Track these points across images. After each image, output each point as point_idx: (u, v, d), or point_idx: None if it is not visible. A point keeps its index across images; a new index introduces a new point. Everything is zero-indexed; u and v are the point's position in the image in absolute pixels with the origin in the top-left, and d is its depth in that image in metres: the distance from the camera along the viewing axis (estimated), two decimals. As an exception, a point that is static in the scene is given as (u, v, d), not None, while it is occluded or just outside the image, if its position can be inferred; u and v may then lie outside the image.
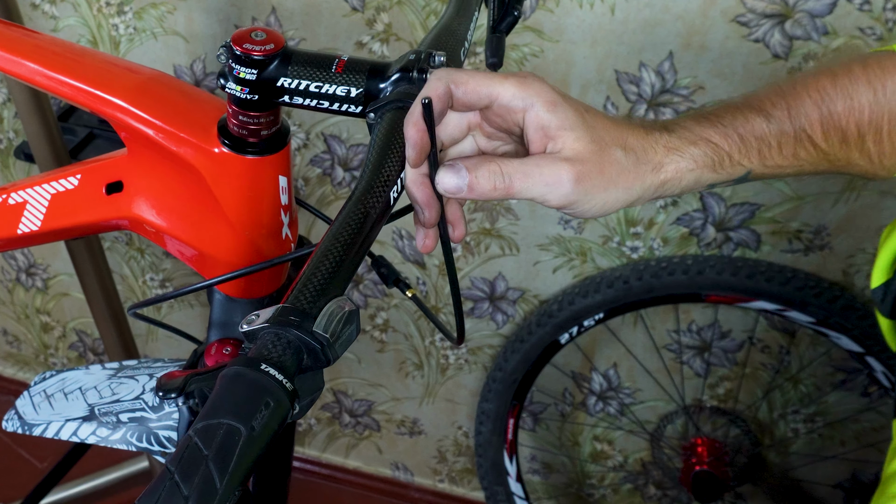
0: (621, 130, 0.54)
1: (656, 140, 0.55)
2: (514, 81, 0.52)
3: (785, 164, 0.58)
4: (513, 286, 1.41)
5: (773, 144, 0.58)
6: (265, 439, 0.41)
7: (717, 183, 0.58)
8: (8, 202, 0.76)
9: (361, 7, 1.18)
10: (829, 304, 1.20)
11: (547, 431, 1.61)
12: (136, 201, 0.71)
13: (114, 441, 0.78)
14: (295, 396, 0.43)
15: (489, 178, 0.50)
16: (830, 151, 0.60)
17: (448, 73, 0.52)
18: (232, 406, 0.41)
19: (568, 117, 0.52)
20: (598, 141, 0.52)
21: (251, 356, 0.43)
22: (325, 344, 0.45)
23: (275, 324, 0.45)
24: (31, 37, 0.73)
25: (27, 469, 1.80)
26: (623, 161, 0.53)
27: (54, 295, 1.76)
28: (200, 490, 0.38)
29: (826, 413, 1.42)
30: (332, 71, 0.60)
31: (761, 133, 0.57)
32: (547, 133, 0.52)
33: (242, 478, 0.40)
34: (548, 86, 0.52)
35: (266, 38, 0.60)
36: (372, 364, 1.62)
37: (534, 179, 0.51)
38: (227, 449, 0.40)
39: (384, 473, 1.80)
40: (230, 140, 0.64)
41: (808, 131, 0.58)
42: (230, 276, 0.49)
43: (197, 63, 1.31)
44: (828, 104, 0.59)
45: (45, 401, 0.82)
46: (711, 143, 0.56)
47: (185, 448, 0.40)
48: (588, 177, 0.51)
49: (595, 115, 0.54)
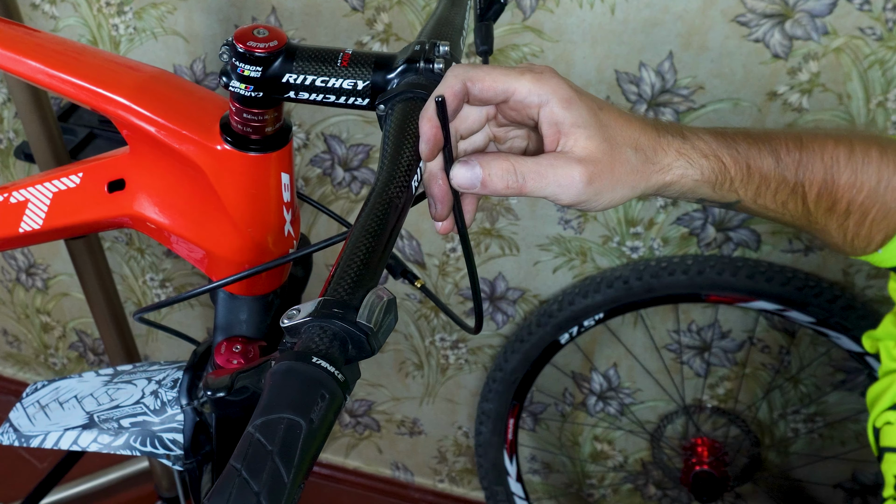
0: (634, 130, 0.55)
1: (668, 143, 0.56)
2: (531, 78, 0.52)
3: (772, 207, 0.61)
4: (513, 286, 1.42)
5: (771, 186, 0.60)
6: (325, 431, 0.42)
7: (706, 200, 0.60)
8: (9, 201, 0.76)
9: (361, 7, 1.18)
10: (829, 304, 1.21)
11: (547, 431, 1.61)
12: (138, 199, 0.71)
13: (117, 447, 0.78)
14: (346, 387, 0.44)
15: (502, 177, 0.51)
16: (815, 214, 0.63)
17: (465, 70, 0.53)
18: (289, 400, 0.41)
19: (582, 115, 0.52)
20: (610, 140, 0.53)
21: (299, 350, 0.44)
22: (369, 333, 0.45)
23: (319, 317, 0.45)
24: (32, 35, 0.73)
25: (27, 469, 1.80)
26: (633, 161, 0.54)
27: (54, 295, 1.76)
28: (270, 485, 0.38)
29: (826, 413, 1.42)
30: (338, 65, 0.60)
31: (767, 172, 0.60)
32: (561, 129, 0.53)
33: (307, 470, 0.40)
34: (564, 82, 0.53)
35: (269, 35, 0.60)
36: (372, 364, 1.62)
37: (547, 180, 0.52)
38: (290, 443, 0.40)
39: (384, 473, 1.80)
40: (233, 137, 0.64)
41: (806, 188, 0.61)
42: (237, 277, 0.49)
43: (197, 63, 1.31)
44: (833, 173, 0.61)
45: (40, 411, 0.81)
46: (722, 162, 0.58)
47: (248, 445, 0.40)
48: (599, 177, 0.52)
49: (609, 112, 0.55)
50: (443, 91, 0.52)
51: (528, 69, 0.53)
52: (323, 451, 1.81)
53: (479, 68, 0.53)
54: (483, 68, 0.53)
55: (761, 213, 0.62)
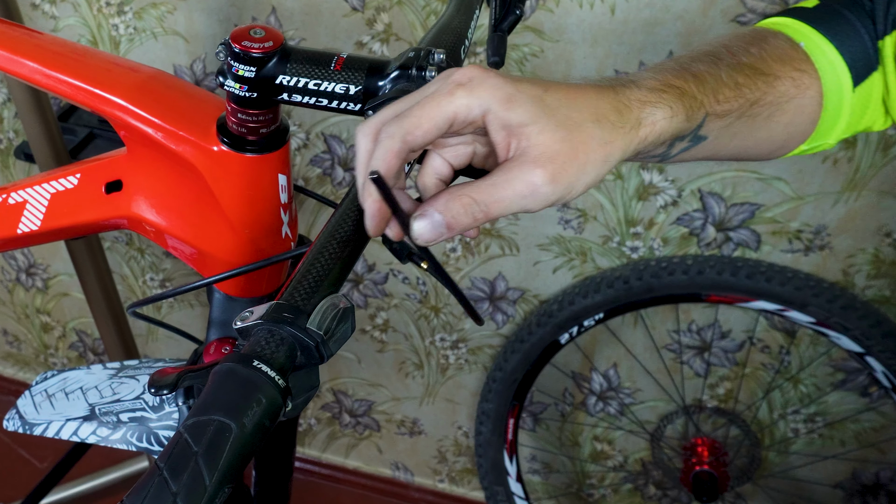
0: (589, 100, 0.51)
1: (628, 97, 0.52)
2: (463, 92, 0.48)
3: (732, 97, 0.57)
4: (513, 286, 1.41)
5: (722, 77, 0.57)
6: (256, 436, 0.41)
7: (679, 136, 0.55)
8: (8, 202, 0.76)
9: (361, 7, 1.18)
10: (829, 304, 1.20)
11: (547, 431, 1.61)
12: (136, 200, 0.71)
13: (114, 441, 0.78)
14: (288, 393, 0.43)
15: (465, 214, 0.48)
16: (768, 75, 0.60)
17: (397, 126, 0.48)
18: (223, 402, 0.41)
19: (527, 110, 0.48)
20: (566, 124, 0.49)
21: (244, 352, 0.43)
22: (318, 341, 0.45)
23: (268, 320, 0.44)
24: (31, 36, 0.73)
25: (27, 469, 1.80)
26: (598, 134, 0.50)
27: (54, 295, 1.76)
28: (189, 487, 0.38)
29: (826, 413, 1.41)
30: (331, 68, 0.60)
31: (709, 69, 0.57)
32: (510, 132, 0.48)
33: (232, 475, 0.40)
34: (498, 80, 0.48)
35: (265, 35, 0.60)
36: (372, 364, 1.62)
37: (508, 197, 0.48)
38: (216, 445, 0.39)
39: (384, 473, 1.80)
40: (229, 138, 0.64)
41: (745, 59, 0.59)
42: (229, 275, 0.49)
43: (197, 63, 1.31)
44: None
45: (46, 400, 0.82)
46: (676, 86, 0.54)
47: (174, 444, 0.39)
48: (563, 170, 0.48)
49: (557, 92, 0.50)
50: (378, 164, 0.48)
51: (456, 84, 0.48)
52: (323, 450, 1.81)
53: (407, 115, 0.48)
54: (412, 111, 0.48)
55: (726, 113, 0.57)
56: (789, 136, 0.64)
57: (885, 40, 0.64)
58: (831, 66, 0.63)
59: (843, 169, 1.15)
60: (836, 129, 0.66)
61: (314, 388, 0.47)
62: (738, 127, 0.59)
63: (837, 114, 0.64)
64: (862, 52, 0.64)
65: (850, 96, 0.64)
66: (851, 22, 0.64)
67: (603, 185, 1.25)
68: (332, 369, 1.66)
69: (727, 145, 0.60)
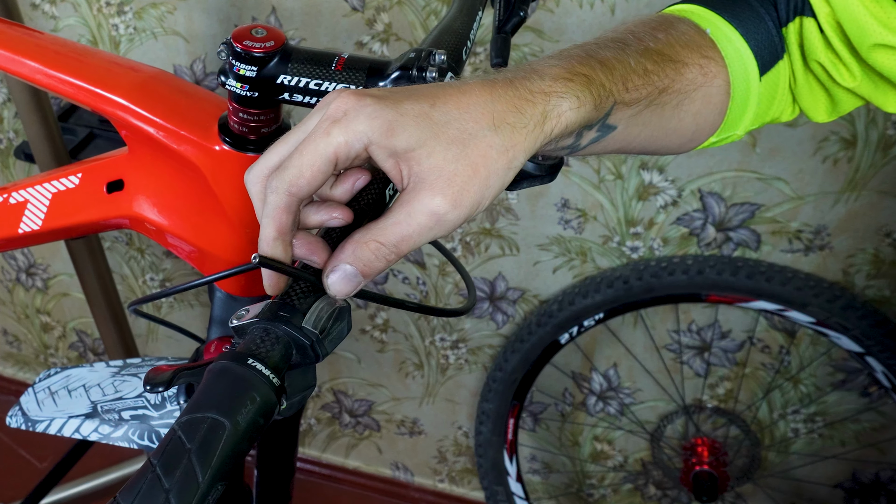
0: (484, 103, 0.47)
1: (530, 90, 0.48)
2: (339, 129, 0.44)
3: (640, 85, 0.55)
4: (513, 286, 1.41)
5: (630, 63, 0.54)
6: (249, 434, 0.41)
7: (587, 125, 0.53)
8: (9, 202, 0.76)
9: (361, 7, 1.18)
10: (829, 304, 1.20)
11: (547, 431, 1.61)
12: (137, 200, 0.71)
13: (115, 438, 0.78)
14: (282, 392, 0.43)
15: (377, 259, 0.46)
16: (676, 61, 0.58)
17: (280, 181, 0.45)
18: (217, 400, 0.41)
19: (412, 133, 0.45)
20: (459, 138, 0.45)
21: (239, 351, 0.43)
22: (314, 340, 0.45)
23: (264, 319, 0.45)
24: (31, 36, 0.73)
25: (27, 469, 1.80)
26: (497, 141, 0.46)
27: (54, 295, 1.76)
28: (182, 484, 0.38)
29: (826, 413, 1.42)
30: (332, 68, 0.60)
31: (616, 54, 0.55)
32: (398, 159, 0.45)
33: (225, 472, 0.40)
34: (375, 106, 0.45)
35: (266, 35, 0.60)
36: (372, 364, 1.62)
37: (415, 233, 0.45)
38: (209, 443, 0.39)
39: (384, 473, 1.80)
40: (231, 137, 0.65)
41: (652, 45, 0.57)
42: (229, 273, 0.49)
43: (197, 63, 1.31)
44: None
45: (49, 397, 0.82)
46: (582, 74, 0.51)
47: (168, 441, 0.40)
48: (464, 190, 0.45)
49: (446, 101, 0.46)
50: (268, 224, 0.46)
51: (331, 121, 0.45)
52: (323, 450, 1.81)
53: (287, 167, 0.45)
54: (292, 160, 0.45)
55: (634, 101, 0.55)
56: (698, 126, 0.62)
57: (788, 27, 0.62)
58: (738, 54, 0.61)
59: (843, 169, 1.15)
60: (745, 120, 0.64)
61: (310, 387, 0.47)
62: (647, 116, 0.57)
63: (745, 103, 0.63)
64: (767, 39, 0.62)
65: (756, 85, 0.62)
66: (756, 9, 0.63)
67: (603, 184, 1.25)
68: (332, 369, 1.67)
69: (637, 136, 0.58)
